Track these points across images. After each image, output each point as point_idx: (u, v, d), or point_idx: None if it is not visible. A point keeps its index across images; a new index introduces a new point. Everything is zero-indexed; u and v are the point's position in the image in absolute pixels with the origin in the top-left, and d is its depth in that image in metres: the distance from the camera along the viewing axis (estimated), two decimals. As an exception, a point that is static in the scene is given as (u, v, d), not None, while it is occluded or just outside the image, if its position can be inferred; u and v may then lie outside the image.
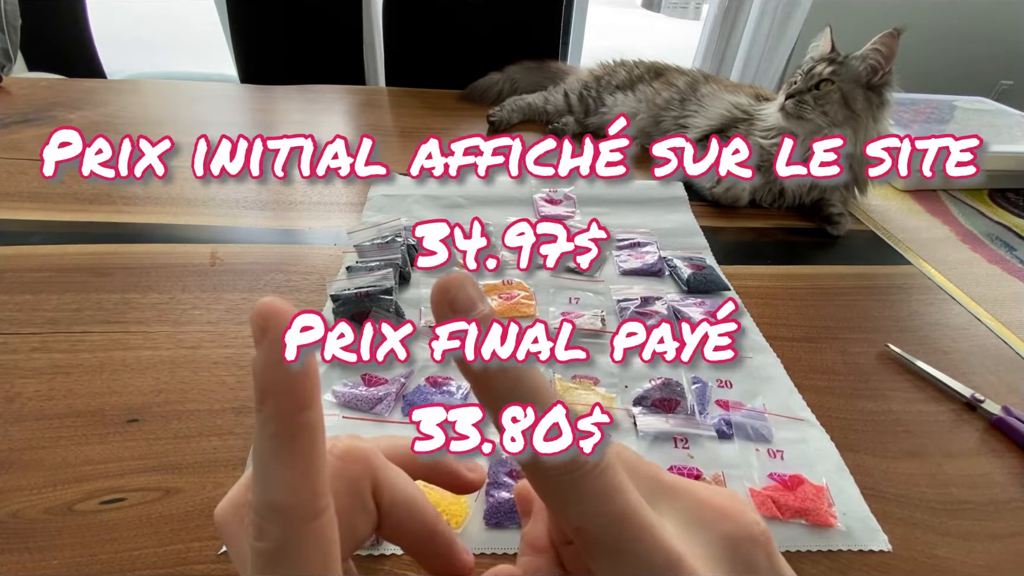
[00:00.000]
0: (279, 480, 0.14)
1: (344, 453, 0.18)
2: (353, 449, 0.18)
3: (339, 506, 0.16)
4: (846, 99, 0.66)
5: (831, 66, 0.67)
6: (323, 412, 0.15)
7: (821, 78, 0.67)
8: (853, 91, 0.66)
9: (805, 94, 0.68)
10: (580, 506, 0.14)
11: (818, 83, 0.67)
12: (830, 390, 0.46)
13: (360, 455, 0.18)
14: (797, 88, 0.69)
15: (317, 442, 0.15)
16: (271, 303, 0.14)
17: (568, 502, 0.14)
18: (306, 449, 0.14)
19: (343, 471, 0.18)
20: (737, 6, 1.85)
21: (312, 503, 0.15)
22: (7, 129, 0.79)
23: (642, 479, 0.16)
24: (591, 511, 0.14)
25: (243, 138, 0.57)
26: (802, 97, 0.68)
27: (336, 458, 0.18)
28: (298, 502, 0.14)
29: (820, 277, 0.61)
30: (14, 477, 0.35)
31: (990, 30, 1.96)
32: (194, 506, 0.34)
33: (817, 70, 0.68)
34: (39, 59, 1.24)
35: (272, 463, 0.14)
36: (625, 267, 0.58)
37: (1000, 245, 0.71)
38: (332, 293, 0.49)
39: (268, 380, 0.14)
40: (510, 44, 1.06)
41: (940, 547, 0.35)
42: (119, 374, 0.42)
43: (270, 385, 0.14)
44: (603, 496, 0.14)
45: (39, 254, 0.55)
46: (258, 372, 0.14)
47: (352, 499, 0.18)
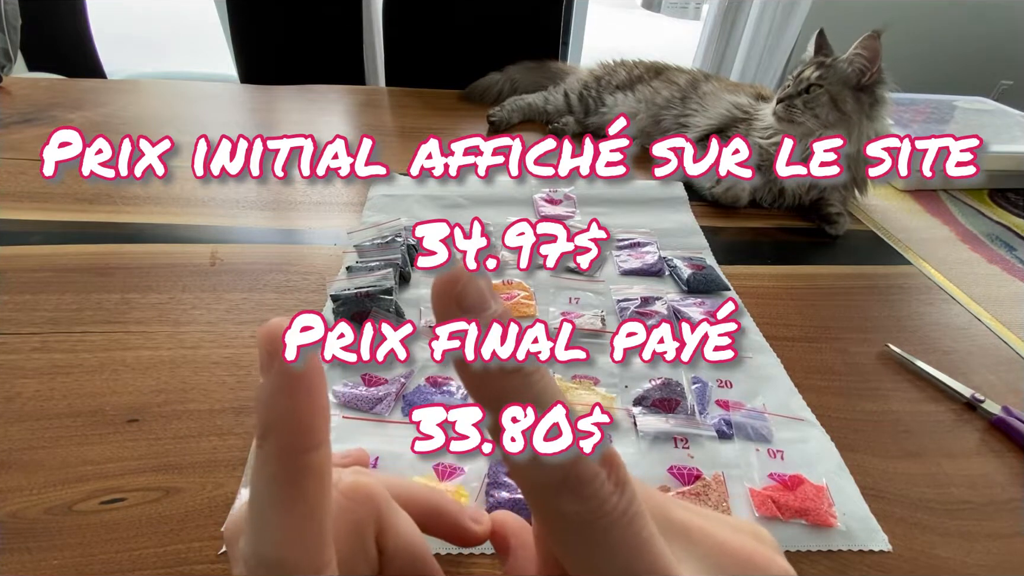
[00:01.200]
0: (276, 531, 0.12)
1: (349, 490, 0.16)
2: (359, 486, 0.16)
3: (339, 550, 0.14)
4: (835, 101, 0.66)
5: (818, 70, 0.67)
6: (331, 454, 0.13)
7: (810, 82, 0.67)
8: (842, 93, 0.66)
9: (795, 98, 0.68)
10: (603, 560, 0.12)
11: (807, 87, 0.68)
12: (830, 390, 0.46)
13: (366, 494, 0.16)
14: (787, 93, 0.69)
15: (323, 488, 0.13)
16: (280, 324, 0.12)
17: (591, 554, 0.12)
18: (310, 495, 0.13)
19: (347, 511, 0.16)
20: (737, 6, 1.85)
21: (313, 559, 0.13)
22: (7, 129, 0.79)
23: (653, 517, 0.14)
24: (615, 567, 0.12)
25: (243, 138, 0.57)
26: (792, 101, 0.68)
27: (340, 494, 0.16)
28: (297, 558, 0.12)
29: (820, 277, 0.61)
30: (14, 477, 0.35)
31: (990, 30, 1.96)
32: (194, 506, 0.34)
33: (805, 74, 0.68)
34: (39, 59, 1.24)
35: (269, 510, 0.12)
36: (625, 267, 0.58)
37: (1000, 245, 0.71)
38: (332, 293, 0.49)
39: (274, 412, 0.12)
40: (510, 44, 1.05)
41: (940, 547, 0.35)
42: (119, 374, 0.42)
43: (275, 418, 0.12)
44: (631, 550, 0.12)
45: (39, 254, 0.55)
46: (263, 402, 0.12)
47: (354, 543, 0.16)
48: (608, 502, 0.12)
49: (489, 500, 0.35)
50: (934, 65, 1.93)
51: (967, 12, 1.92)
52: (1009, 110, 0.98)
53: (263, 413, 0.12)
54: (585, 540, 0.12)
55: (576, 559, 0.13)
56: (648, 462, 0.38)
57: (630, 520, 0.12)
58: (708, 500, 0.36)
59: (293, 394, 0.12)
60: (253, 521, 0.13)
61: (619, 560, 0.12)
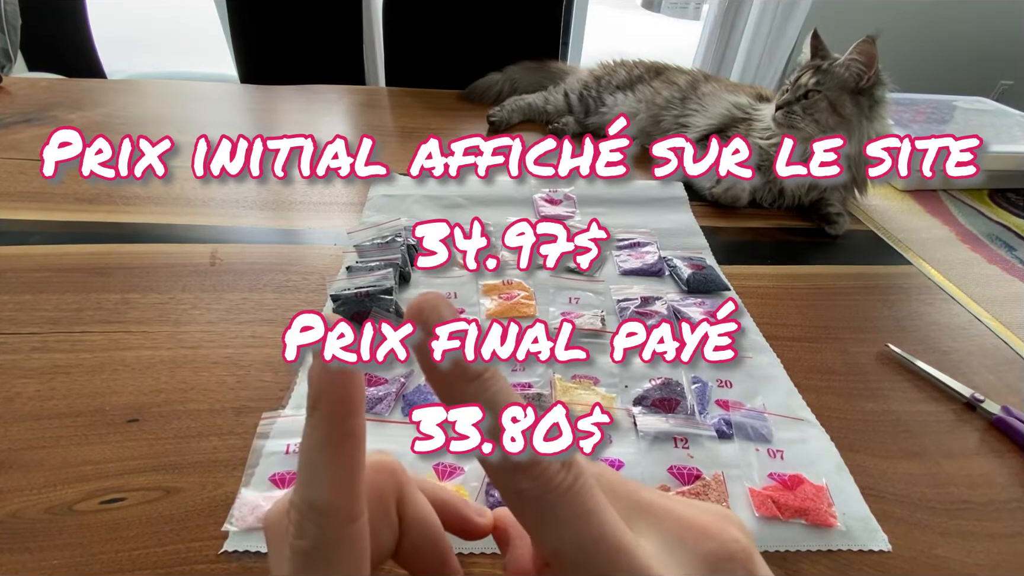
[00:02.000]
0: (324, 480, 0.15)
1: (375, 463, 0.18)
2: (384, 460, 0.19)
3: (368, 514, 0.16)
4: (834, 106, 0.66)
5: (815, 75, 0.67)
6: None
7: (807, 88, 0.67)
8: (840, 98, 0.66)
9: (794, 104, 0.68)
10: (556, 529, 0.14)
11: (805, 93, 0.67)
12: (830, 390, 0.46)
13: (390, 468, 0.19)
14: (786, 99, 0.69)
15: (360, 449, 0.16)
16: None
17: (544, 525, 0.14)
18: (351, 454, 0.15)
19: (373, 480, 0.18)
20: (737, 6, 1.85)
21: (351, 506, 0.15)
22: (7, 129, 0.79)
23: (621, 499, 0.16)
24: (567, 534, 0.14)
25: (243, 138, 0.57)
26: (791, 108, 0.68)
27: (367, 466, 0.18)
28: (339, 504, 0.15)
29: (820, 277, 0.61)
30: (14, 477, 0.35)
31: (990, 30, 1.96)
32: (194, 506, 0.34)
33: (803, 80, 0.68)
34: (39, 59, 1.24)
35: (320, 463, 0.15)
36: (625, 267, 0.58)
37: (1000, 245, 0.71)
38: (332, 293, 0.49)
39: (325, 383, 0.15)
40: (510, 44, 1.06)
41: (940, 547, 0.35)
42: (119, 374, 0.42)
43: (327, 388, 0.15)
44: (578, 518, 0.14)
45: (39, 254, 0.55)
46: (315, 375, 0.15)
47: (379, 509, 0.18)
48: (554, 479, 0.14)
49: (489, 499, 0.35)
50: (934, 65, 1.93)
51: (967, 12, 1.92)
52: (1009, 110, 0.98)
53: (316, 385, 0.15)
54: (539, 513, 0.14)
55: (535, 532, 0.15)
56: (648, 462, 0.38)
57: (575, 493, 0.14)
58: (708, 500, 0.36)
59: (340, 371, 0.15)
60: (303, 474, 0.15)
61: (568, 529, 0.14)
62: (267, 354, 0.45)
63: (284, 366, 0.44)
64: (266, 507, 0.33)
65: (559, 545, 0.14)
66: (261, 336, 0.47)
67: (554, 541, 0.14)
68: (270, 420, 0.39)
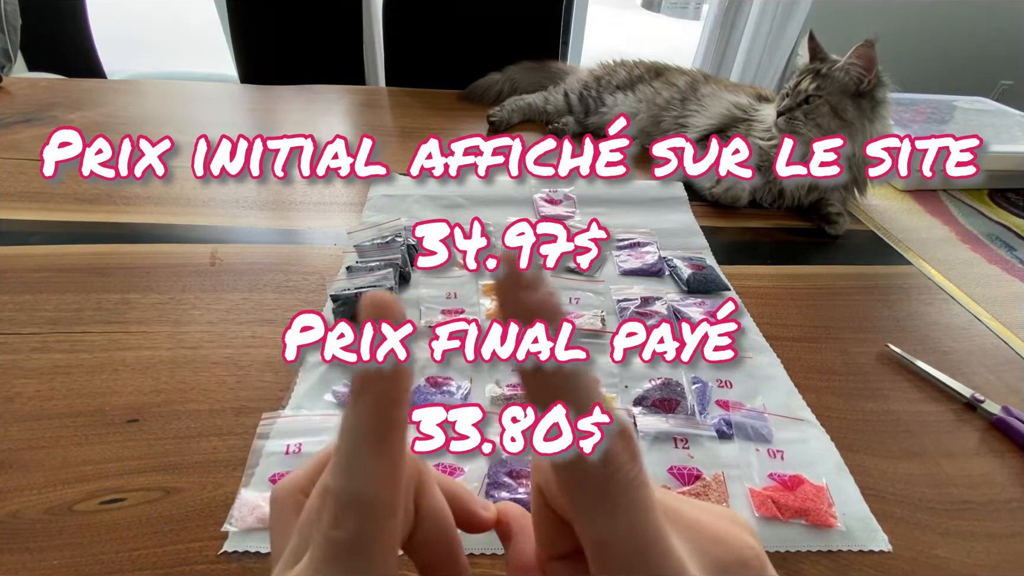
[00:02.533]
0: (368, 471, 0.14)
1: None
2: None
3: None
4: (835, 110, 0.66)
5: (815, 80, 0.67)
6: None
7: (807, 93, 0.67)
8: (841, 102, 0.66)
9: (795, 110, 0.68)
10: (611, 518, 0.14)
11: (806, 98, 0.67)
12: (830, 390, 0.46)
13: (410, 457, 0.18)
14: (787, 105, 0.69)
15: (404, 442, 0.15)
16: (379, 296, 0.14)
17: (600, 511, 0.14)
18: (396, 446, 0.15)
19: None
20: (737, 6, 1.85)
21: (394, 501, 0.15)
22: (7, 129, 0.79)
23: None
24: (622, 525, 0.14)
25: (243, 138, 0.57)
26: (793, 114, 0.68)
27: None
28: (383, 498, 0.14)
29: (820, 277, 0.61)
30: (14, 477, 0.35)
31: (990, 30, 1.96)
32: (194, 506, 0.34)
33: (802, 86, 0.68)
34: (39, 59, 1.24)
35: (365, 454, 0.14)
36: (625, 267, 0.58)
37: (1000, 245, 0.71)
38: (332, 293, 0.49)
39: (372, 369, 0.14)
40: (510, 44, 1.06)
41: (940, 547, 0.35)
42: (119, 374, 0.42)
43: (375, 371, 0.14)
44: (638, 510, 0.14)
45: (39, 254, 0.55)
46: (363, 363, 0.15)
47: None
48: (624, 467, 0.14)
49: (489, 499, 0.35)
50: (934, 65, 1.93)
51: (967, 12, 1.92)
52: (1009, 110, 0.98)
53: (363, 371, 0.14)
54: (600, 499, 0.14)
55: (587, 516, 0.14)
56: (648, 462, 0.38)
57: (639, 486, 0.14)
58: (708, 500, 0.36)
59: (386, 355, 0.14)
60: (344, 464, 0.14)
61: (624, 520, 0.14)
62: (267, 354, 0.45)
63: (284, 366, 0.44)
64: (266, 507, 0.33)
65: (609, 535, 0.14)
66: (261, 336, 0.47)
67: (605, 530, 0.14)
68: (270, 420, 0.39)
